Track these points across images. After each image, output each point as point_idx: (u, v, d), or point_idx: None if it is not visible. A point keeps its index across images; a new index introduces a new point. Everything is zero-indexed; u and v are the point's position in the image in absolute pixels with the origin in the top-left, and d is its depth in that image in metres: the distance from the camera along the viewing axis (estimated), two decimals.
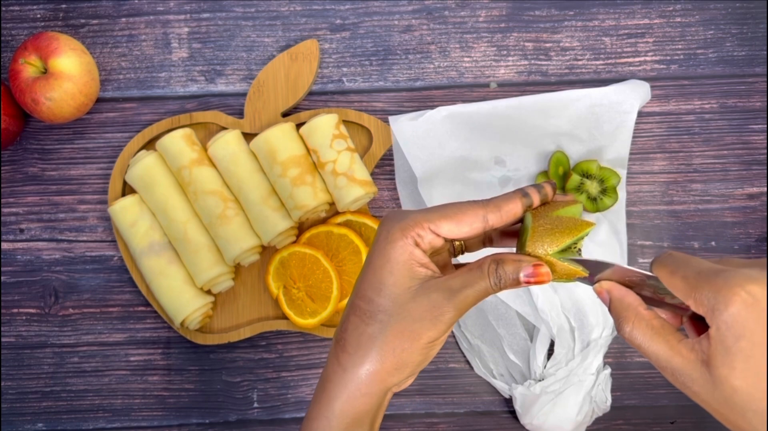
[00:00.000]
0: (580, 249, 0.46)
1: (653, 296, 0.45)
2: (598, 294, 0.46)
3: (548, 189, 0.47)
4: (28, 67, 0.72)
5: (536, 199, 0.47)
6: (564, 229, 0.46)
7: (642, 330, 0.42)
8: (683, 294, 0.41)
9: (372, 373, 0.45)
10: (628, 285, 0.46)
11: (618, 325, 0.44)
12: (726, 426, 0.41)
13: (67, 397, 0.76)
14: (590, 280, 0.47)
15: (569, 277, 0.46)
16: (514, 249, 0.48)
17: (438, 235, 0.45)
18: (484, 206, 0.46)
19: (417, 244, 0.45)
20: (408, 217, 0.45)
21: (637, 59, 0.77)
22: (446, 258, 0.50)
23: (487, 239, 0.51)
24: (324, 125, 0.73)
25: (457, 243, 0.50)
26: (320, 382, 0.48)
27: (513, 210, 0.46)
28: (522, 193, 0.47)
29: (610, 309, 0.45)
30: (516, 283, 0.45)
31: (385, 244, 0.45)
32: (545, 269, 0.45)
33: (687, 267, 0.41)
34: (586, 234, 0.46)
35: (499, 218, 0.46)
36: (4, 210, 0.77)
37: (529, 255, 0.46)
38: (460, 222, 0.45)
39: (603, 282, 0.46)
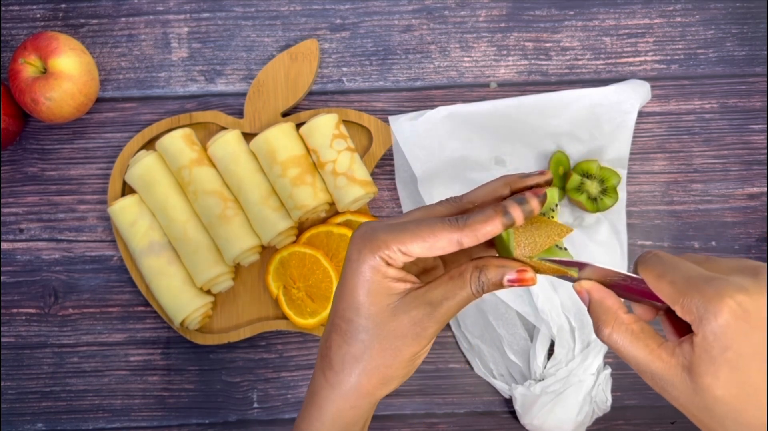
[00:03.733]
0: (564, 247, 0.45)
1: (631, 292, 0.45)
2: (578, 293, 0.45)
3: (534, 203, 0.43)
4: (28, 66, 0.72)
5: (519, 217, 0.42)
6: (543, 233, 0.44)
7: (621, 335, 0.42)
8: (670, 299, 0.40)
9: (359, 390, 0.46)
10: (609, 284, 0.45)
11: (596, 328, 0.43)
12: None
13: (66, 397, 0.76)
14: (571, 278, 0.46)
15: (555, 274, 0.45)
16: None
17: (410, 255, 0.43)
18: (459, 230, 0.42)
19: (389, 264, 0.43)
20: (377, 237, 0.43)
21: (637, 59, 0.77)
22: (434, 264, 0.49)
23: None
24: (324, 125, 0.73)
25: None
26: (309, 393, 0.48)
27: (492, 232, 0.42)
28: (503, 211, 0.42)
29: (589, 310, 0.44)
30: (498, 286, 0.44)
31: (358, 264, 0.44)
32: (530, 274, 0.44)
33: (675, 271, 0.41)
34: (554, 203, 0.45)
35: (475, 241, 0.43)
36: (4, 210, 0.77)
37: (514, 260, 0.44)
38: (431, 247, 0.42)
39: (583, 282, 0.45)
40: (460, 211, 0.46)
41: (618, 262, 0.72)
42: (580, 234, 0.73)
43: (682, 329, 0.44)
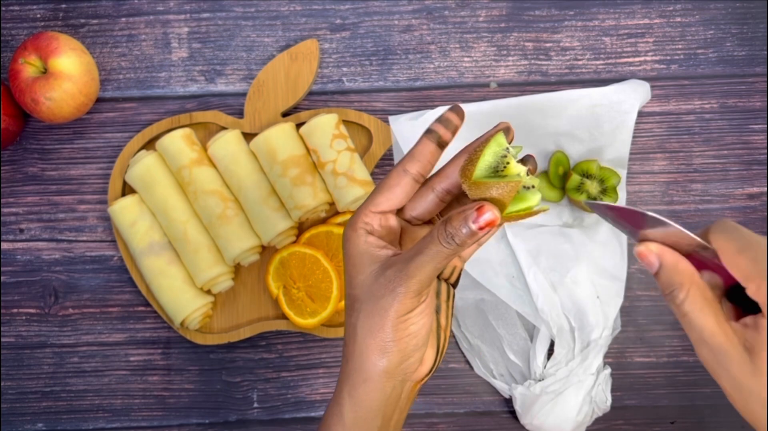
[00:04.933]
0: (530, 185, 0.43)
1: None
2: (644, 256, 0.43)
3: (451, 114, 0.46)
4: (28, 66, 0.72)
5: (442, 131, 0.46)
6: (476, 150, 0.44)
7: (696, 300, 0.41)
8: (745, 275, 0.40)
9: (363, 359, 0.47)
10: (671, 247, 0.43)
11: (670, 292, 0.41)
12: (742, 414, 0.41)
13: (67, 397, 0.76)
14: (635, 236, 0.43)
15: (522, 209, 0.43)
16: None
17: (383, 212, 0.47)
18: (402, 163, 0.46)
19: (369, 232, 0.47)
20: (356, 212, 0.48)
21: (637, 59, 0.77)
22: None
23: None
24: (324, 125, 0.73)
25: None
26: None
27: (426, 150, 0.46)
28: (427, 130, 0.46)
29: (658, 274, 0.42)
30: (473, 235, 0.43)
31: (344, 244, 0.48)
32: (487, 212, 0.42)
33: (759, 249, 0.40)
34: (503, 146, 0.43)
35: (420, 166, 0.46)
36: (4, 210, 0.77)
37: (473, 199, 0.43)
38: (389, 188, 0.46)
39: (651, 245, 0.42)
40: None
41: (618, 263, 0.72)
42: (580, 234, 0.73)
43: (731, 314, 0.43)
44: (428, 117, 0.72)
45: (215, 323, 0.76)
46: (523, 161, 0.46)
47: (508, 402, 0.76)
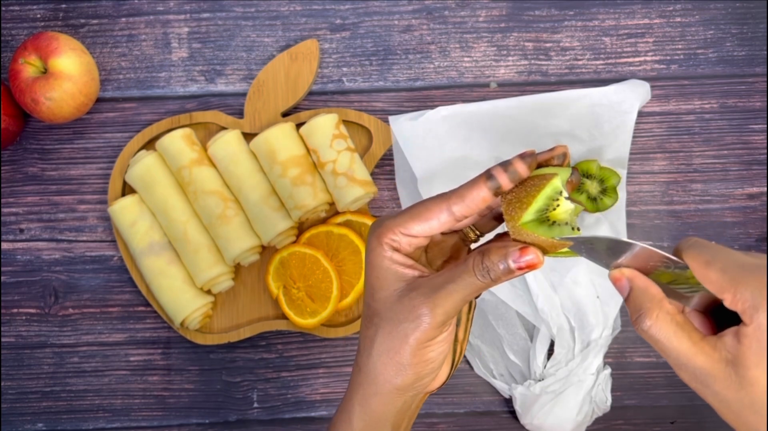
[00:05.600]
0: (576, 226, 0.42)
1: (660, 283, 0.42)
2: (616, 281, 0.43)
3: (518, 165, 0.42)
4: (28, 66, 0.72)
5: (503, 180, 0.42)
6: (528, 190, 0.41)
7: (665, 326, 0.40)
8: (718, 287, 0.39)
9: (377, 374, 0.46)
10: (643, 270, 0.42)
11: (637, 317, 0.41)
12: (736, 428, 0.40)
13: (67, 397, 0.76)
14: (606, 264, 0.43)
15: (561, 250, 0.42)
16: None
17: (413, 236, 0.44)
18: (447, 198, 0.43)
19: (395, 249, 0.45)
20: (383, 224, 0.45)
21: (637, 59, 0.77)
22: (459, 248, 0.49)
23: (498, 216, 0.48)
24: (324, 125, 0.73)
25: (466, 230, 0.48)
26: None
27: (479, 196, 0.42)
28: (486, 175, 0.42)
29: (627, 299, 0.42)
30: (510, 273, 0.42)
31: (369, 252, 0.46)
32: (532, 254, 0.41)
33: (726, 259, 0.39)
34: (557, 191, 0.41)
35: (465, 208, 0.43)
36: (4, 210, 0.77)
37: (514, 239, 0.42)
38: (426, 220, 0.44)
39: (624, 269, 0.42)
40: None
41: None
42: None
43: (707, 328, 0.43)
44: (428, 117, 0.72)
45: (215, 323, 0.76)
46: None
47: (508, 402, 0.76)
